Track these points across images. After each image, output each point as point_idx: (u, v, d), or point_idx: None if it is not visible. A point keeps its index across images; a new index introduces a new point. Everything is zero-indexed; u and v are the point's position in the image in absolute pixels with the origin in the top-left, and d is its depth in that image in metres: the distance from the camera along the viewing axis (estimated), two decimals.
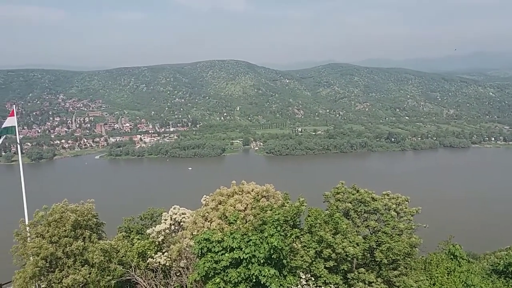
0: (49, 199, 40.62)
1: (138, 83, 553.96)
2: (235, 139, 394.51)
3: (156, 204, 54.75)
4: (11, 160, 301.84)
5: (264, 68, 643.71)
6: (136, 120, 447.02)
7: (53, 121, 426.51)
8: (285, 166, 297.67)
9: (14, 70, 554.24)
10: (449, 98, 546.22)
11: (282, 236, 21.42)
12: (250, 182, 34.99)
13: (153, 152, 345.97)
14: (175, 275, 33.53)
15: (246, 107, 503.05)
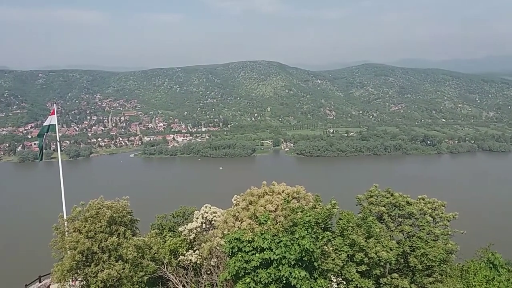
0: (86, 195, 42.05)
1: (172, 83, 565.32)
2: (266, 140, 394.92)
3: (187, 203, 55.65)
4: (51, 157, 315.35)
5: (296, 69, 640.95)
6: (169, 120, 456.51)
7: (91, 120, 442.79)
8: (316, 167, 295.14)
9: (55, 70, 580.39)
10: (489, 100, 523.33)
11: (314, 238, 21.23)
12: (281, 183, 34.94)
13: (185, 152, 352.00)
14: (206, 273, 33.96)
15: (277, 108, 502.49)
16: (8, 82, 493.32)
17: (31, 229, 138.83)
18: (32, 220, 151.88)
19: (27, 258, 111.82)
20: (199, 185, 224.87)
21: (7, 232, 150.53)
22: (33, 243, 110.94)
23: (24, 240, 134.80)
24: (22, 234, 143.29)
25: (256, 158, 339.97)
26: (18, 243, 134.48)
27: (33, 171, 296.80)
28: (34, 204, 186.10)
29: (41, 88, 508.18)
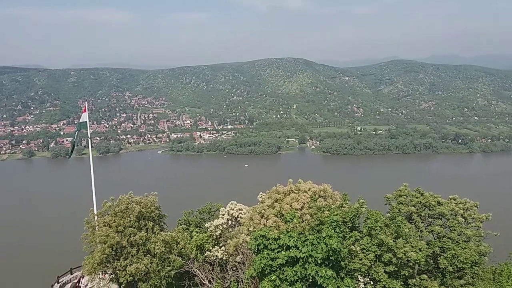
0: (116, 190, 43.13)
1: (199, 81, 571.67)
2: (291, 137, 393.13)
3: (213, 199, 56.16)
4: (82, 153, 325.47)
5: (322, 65, 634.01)
6: (196, 117, 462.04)
7: (120, 117, 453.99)
8: (342, 166, 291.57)
9: (86, 69, 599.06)
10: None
11: (341, 237, 20.96)
12: (307, 181, 34.66)
13: (211, 149, 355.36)
14: (232, 270, 34.17)
15: (303, 105, 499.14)
16: (42, 80, 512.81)
17: (63, 223, 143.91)
18: (64, 214, 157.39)
19: (60, 250, 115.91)
20: (225, 182, 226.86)
21: (41, 225, 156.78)
22: (65, 236, 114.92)
23: (57, 233, 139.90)
24: (55, 228, 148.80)
25: (281, 156, 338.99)
26: (51, 236, 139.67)
27: (65, 167, 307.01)
28: (66, 198, 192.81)
29: (73, 86, 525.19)
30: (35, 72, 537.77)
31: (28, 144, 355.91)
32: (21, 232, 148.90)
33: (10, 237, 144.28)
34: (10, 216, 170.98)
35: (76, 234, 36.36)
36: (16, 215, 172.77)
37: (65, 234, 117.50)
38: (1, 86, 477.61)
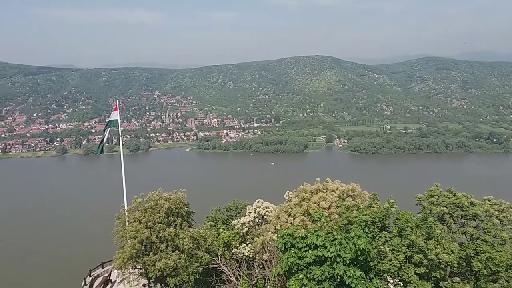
0: (146, 187, 44.11)
1: (226, 80, 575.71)
2: (318, 136, 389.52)
3: (240, 197, 56.43)
4: (112, 151, 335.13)
5: (351, 63, 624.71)
6: (223, 116, 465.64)
7: (149, 116, 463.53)
8: (371, 165, 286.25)
9: (117, 68, 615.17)
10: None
11: (370, 238, 20.61)
12: (335, 180, 34.29)
13: (237, 147, 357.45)
14: (258, 267, 34.26)
15: (330, 103, 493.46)
16: (75, 80, 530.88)
17: (95, 218, 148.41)
18: (96, 210, 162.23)
19: (92, 245, 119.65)
20: (251, 180, 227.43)
21: (74, 220, 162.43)
22: (97, 231, 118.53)
23: (89, 228, 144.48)
24: (87, 222, 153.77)
25: (308, 155, 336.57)
26: (84, 231, 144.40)
27: (97, 163, 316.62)
28: (98, 194, 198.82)
29: (104, 85, 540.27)
30: (68, 72, 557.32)
31: (61, 142, 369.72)
32: (54, 227, 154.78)
33: (44, 232, 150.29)
34: (45, 212, 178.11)
35: (107, 229, 37.41)
36: (51, 211, 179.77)
37: (97, 229, 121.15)
38: (37, 86, 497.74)
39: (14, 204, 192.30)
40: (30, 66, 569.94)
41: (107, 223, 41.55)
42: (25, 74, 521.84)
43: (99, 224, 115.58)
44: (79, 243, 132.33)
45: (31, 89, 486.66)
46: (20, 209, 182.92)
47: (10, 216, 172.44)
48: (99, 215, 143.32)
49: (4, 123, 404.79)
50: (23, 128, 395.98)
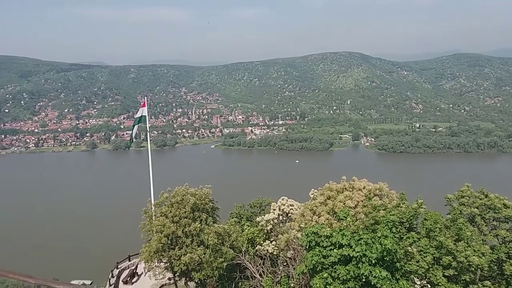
0: (172, 182, 44.68)
1: (251, 77, 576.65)
2: (344, 134, 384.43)
3: (264, 194, 56.50)
4: (140, 146, 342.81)
5: (379, 60, 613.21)
6: (248, 113, 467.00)
7: (176, 112, 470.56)
8: (399, 164, 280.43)
9: (145, 65, 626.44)
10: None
11: (397, 238, 20.17)
12: (361, 179, 33.77)
13: (262, 144, 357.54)
14: (282, 265, 34.19)
15: (357, 101, 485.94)
16: (104, 76, 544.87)
17: (124, 212, 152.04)
18: (124, 204, 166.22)
19: (119, 238, 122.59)
20: (275, 177, 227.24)
21: (102, 213, 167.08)
22: (124, 224, 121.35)
23: (116, 221, 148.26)
24: (115, 216, 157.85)
25: (333, 153, 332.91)
26: (111, 225, 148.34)
27: (125, 158, 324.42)
28: (126, 188, 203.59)
29: (132, 82, 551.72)
30: (98, 69, 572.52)
31: (91, 137, 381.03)
32: (83, 220, 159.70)
33: (74, 224, 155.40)
34: (75, 205, 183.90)
35: (135, 223, 38.23)
36: (81, 204, 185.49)
37: (124, 222, 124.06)
38: (68, 82, 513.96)
39: (43, 197, 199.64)
40: (62, 63, 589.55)
41: (135, 217, 42.44)
42: (57, 71, 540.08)
43: (127, 218, 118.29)
44: (107, 236, 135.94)
45: (63, 86, 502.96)
46: (49, 202, 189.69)
47: (39, 208, 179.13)
48: (127, 209, 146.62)
49: (38, 118, 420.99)
50: (55, 124, 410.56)
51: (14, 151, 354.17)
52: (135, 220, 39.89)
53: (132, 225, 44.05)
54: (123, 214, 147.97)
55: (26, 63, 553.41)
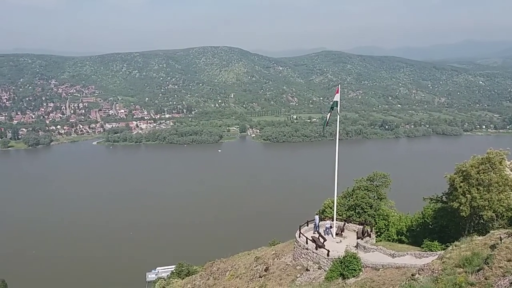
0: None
1: (131, 69, 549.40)
2: (232, 126, 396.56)
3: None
4: (8, 146, 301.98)
5: (257, 55, 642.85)
6: (130, 107, 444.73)
7: (47, 107, 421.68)
8: (284, 152, 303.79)
9: (4, 55, 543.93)
10: (440, 86, 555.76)
11: None
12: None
13: (150, 138, 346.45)
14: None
15: (240, 94, 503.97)
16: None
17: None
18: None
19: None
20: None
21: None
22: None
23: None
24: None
25: (223, 144, 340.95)
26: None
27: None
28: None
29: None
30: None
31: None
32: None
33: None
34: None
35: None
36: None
37: None
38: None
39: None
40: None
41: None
42: None
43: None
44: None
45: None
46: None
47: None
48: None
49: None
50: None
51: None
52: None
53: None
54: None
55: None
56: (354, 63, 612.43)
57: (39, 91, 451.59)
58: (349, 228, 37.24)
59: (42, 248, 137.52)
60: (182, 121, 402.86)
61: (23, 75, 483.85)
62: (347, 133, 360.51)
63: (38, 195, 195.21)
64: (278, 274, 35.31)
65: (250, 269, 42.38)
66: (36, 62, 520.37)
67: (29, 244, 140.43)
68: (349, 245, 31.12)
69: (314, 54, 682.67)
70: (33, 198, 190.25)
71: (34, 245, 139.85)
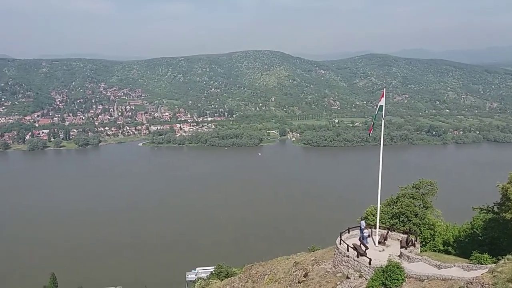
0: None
1: (175, 73, 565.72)
2: (272, 130, 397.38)
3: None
4: (60, 146, 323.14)
5: (299, 59, 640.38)
6: (174, 109, 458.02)
7: (96, 109, 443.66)
8: (324, 157, 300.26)
9: (58, 59, 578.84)
10: (492, 91, 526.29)
11: None
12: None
13: (193, 141, 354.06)
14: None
15: (281, 98, 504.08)
16: (12, 71, 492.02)
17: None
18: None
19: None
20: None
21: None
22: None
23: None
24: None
25: (263, 148, 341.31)
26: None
27: (59, 158, 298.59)
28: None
29: (45, 76, 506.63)
30: (4, 62, 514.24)
31: (1, 137, 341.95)
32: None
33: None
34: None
35: None
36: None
37: None
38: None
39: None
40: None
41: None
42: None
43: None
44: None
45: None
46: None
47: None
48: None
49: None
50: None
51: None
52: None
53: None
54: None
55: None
56: (400, 66, 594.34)
57: (89, 94, 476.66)
58: (393, 237, 36.19)
59: (91, 243, 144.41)
60: (223, 124, 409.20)
61: (75, 78, 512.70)
62: (392, 138, 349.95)
63: (99, 190, 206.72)
64: (317, 280, 34.89)
65: (288, 274, 42.18)
66: (87, 66, 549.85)
67: (79, 239, 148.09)
68: (392, 254, 30.21)
69: (358, 57, 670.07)
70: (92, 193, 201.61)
71: (83, 239, 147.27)
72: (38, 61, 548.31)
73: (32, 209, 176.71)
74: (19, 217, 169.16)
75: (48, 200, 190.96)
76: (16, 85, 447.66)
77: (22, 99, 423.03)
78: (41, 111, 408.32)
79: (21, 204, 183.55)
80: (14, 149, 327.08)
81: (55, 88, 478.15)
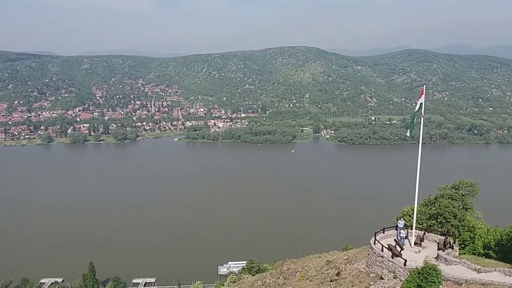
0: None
1: (211, 69, 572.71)
2: (305, 127, 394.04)
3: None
4: (99, 139, 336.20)
5: (334, 54, 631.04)
6: (209, 106, 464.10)
7: (134, 105, 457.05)
8: (360, 154, 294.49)
9: (99, 56, 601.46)
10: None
11: None
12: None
13: (226, 137, 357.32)
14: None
15: (315, 94, 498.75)
16: (55, 67, 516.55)
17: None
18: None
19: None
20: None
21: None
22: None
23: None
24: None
25: (296, 144, 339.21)
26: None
27: (99, 151, 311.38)
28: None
29: (86, 73, 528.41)
30: (49, 59, 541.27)
31: (46, 130, 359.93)
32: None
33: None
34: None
35: None
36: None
37: None
38: (16, 73, 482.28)
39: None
40: (8, 52, 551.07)
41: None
42: (4, 60, 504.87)
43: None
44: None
45: (10, 76, 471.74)
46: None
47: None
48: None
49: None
50: (4, 116, 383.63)
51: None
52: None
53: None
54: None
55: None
56: (440, 62, 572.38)
57: (128, 90, 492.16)
58: (430, 238, 35.09)
59: (125, 235, 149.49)
60: (257, 120, 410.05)
61: (115, 74, 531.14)
62: (431, 137, 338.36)
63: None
64: (350, 280, 34.41)
65: (321, 272, 41.84)
66: (126, 63, 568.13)
67: (117, 231, 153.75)
68: (428, 256, 29.31)
69: (396, 52, 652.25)
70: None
71: (119, 232, 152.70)
72: (80, 58, 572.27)
73: (79, 200, 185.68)
74: (65, 207, 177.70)
75: (93, 193, 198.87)
76: (59, 81, 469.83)
77: (65, 94, 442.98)
78: (82, 106, 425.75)
79: (67, 196, 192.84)
80: (57, 142, 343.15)
81: (95, 84, 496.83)
